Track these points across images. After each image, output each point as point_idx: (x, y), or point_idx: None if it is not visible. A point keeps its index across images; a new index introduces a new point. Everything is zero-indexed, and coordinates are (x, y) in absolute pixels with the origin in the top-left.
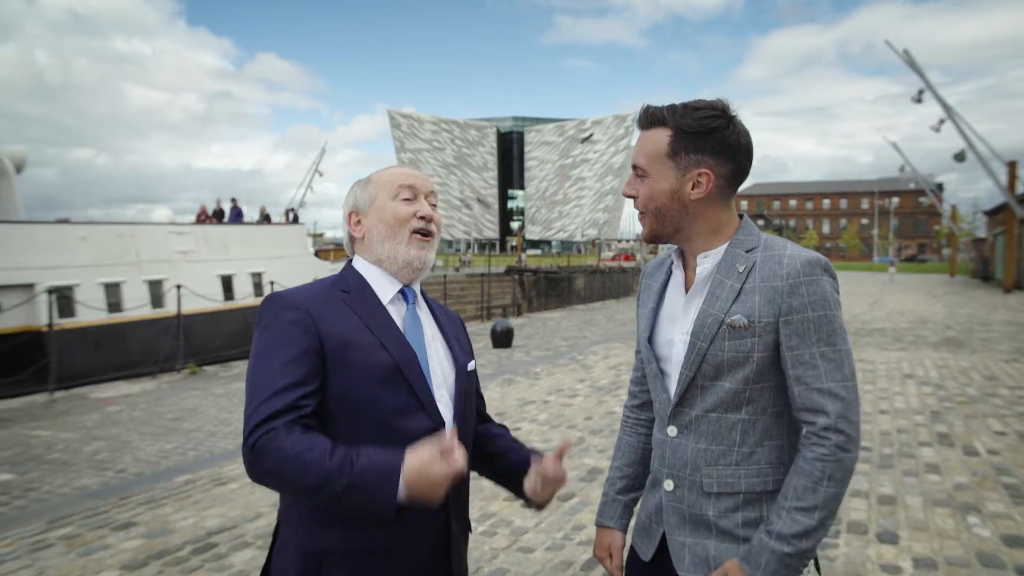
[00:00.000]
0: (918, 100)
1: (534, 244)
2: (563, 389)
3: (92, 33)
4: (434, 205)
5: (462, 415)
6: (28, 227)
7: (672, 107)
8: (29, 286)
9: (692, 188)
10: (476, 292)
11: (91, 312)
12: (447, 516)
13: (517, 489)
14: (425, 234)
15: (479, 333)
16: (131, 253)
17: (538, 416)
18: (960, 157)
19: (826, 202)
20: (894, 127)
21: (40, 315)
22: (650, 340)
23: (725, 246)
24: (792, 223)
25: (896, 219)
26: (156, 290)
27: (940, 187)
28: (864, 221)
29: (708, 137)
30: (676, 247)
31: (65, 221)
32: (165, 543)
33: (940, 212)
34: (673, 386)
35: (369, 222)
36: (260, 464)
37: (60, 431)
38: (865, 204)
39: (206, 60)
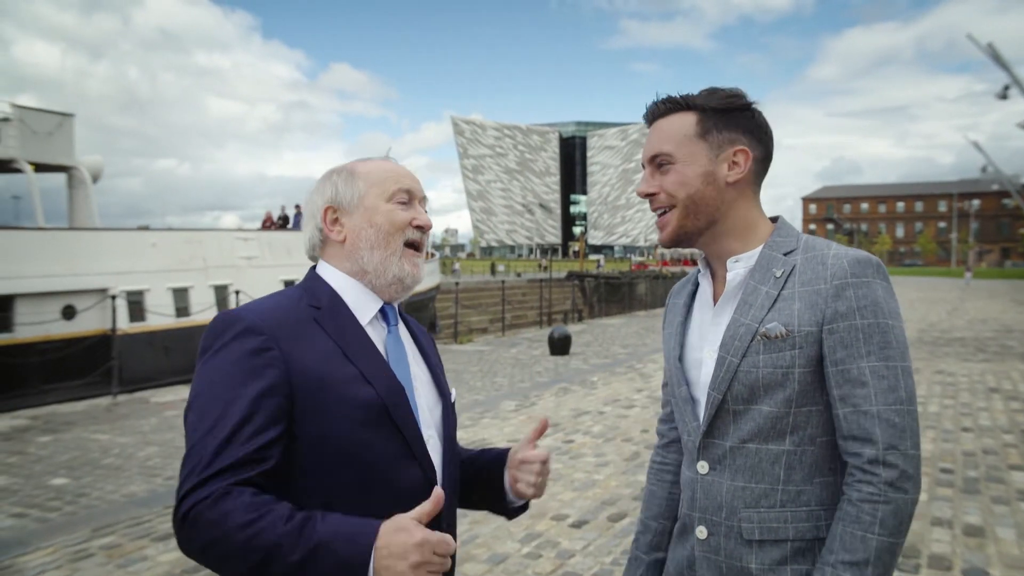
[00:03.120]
0: (1004, 96)
1: (596, 249)
2: (620, 399)
3: (176, 49)
4: (426, 211)
5: (450, 460)
6: (103, 234)
7: (683, 95)
8: (103, 291)
9: (729, 169)
10: (536, 298)
11: (160, 317)
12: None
13: (497, 493)
14: (418, 247)
15: (537, 340)
16: (198, 259)
17: (592, 428)
18: None
19: (900, 205)
20: (978, 126)
21: (113, 319)
22: (680, 360)
23: (760, 249)
24: (864, 227)
25: (976, 222)
26: (221, 295)
27: None
28: (942, 224)
29: (739, 115)
30: (702, 256)
31: (145, 228)
32: None
33: None
34: (702, 412)
35: (354, 223)
36: (192, 538)
37: (118, 435)
38: (943, 207)
39: (280, 72)
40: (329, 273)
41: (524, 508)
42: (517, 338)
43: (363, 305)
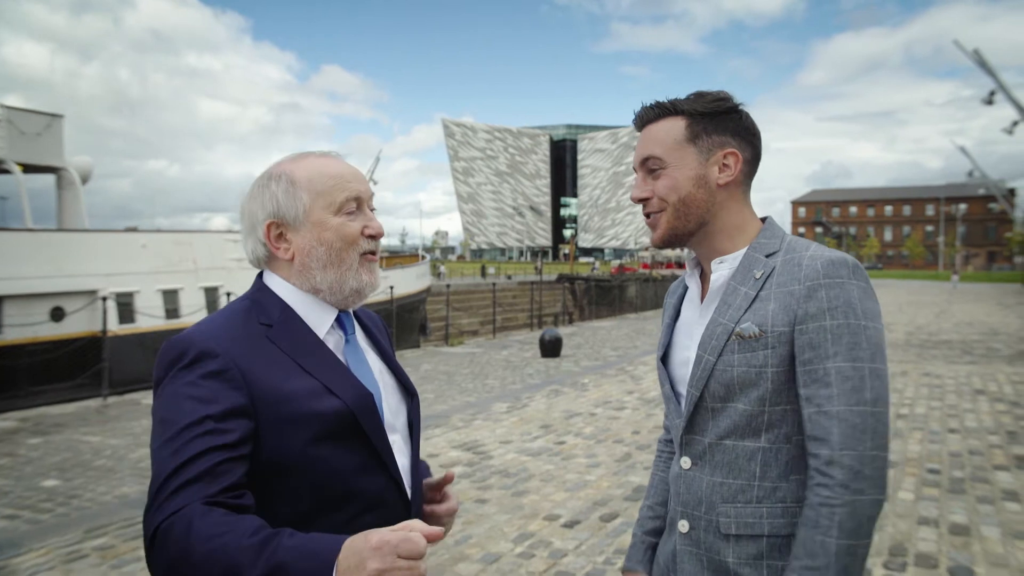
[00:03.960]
0: (989, 102)
1: (586, 252)
2: (611, 401)
3: (167, 50)
4: (373, 209)
5: (415, 461)
6: (92, 235)
7: (671, 99)
8: (92, 292)
9: (719, 171)
10: (527, 300)
11: (149, 319)
12: None
13: None
14: (373, 253)
15: (528, 342)
16: (188, 260)
17: (584, 429)
18: None
19: (888, 208)
20: (965, 131)
21: (102, 321)
22: (665, 359)
23: (744, 250)
24: (852, 230)
25: (963, 226)
26: (212, 297)
27: (1012, 192)
28: (929, 228)
29: (726, 118)
30: (692, 256)
31: (133, 229)
32: None
33: (1012, 218)
34: (684, 409)
35: (302, 242)
36: (159, 557)
37: (109, 437)
38: (930, 211)
39: (272, 74)
40: (279, 286)
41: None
42: (508, 340)
43: (317, 318)
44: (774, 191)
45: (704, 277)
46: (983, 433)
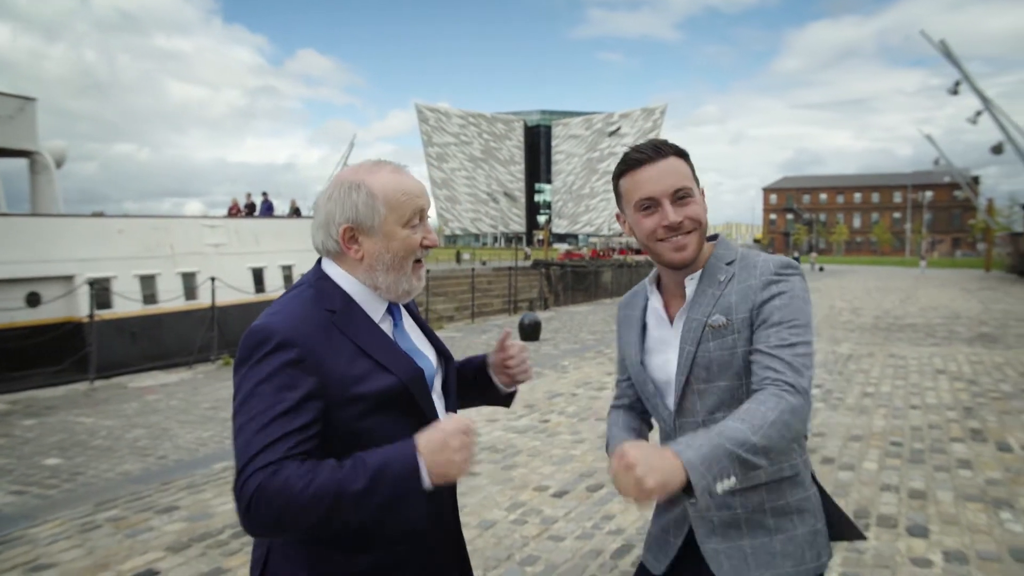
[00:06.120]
0: (955, 92)
1: (560, 238)
2: (591, 382)
3: (135, 31)
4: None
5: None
6: (67, 220)
7: (664, 141)
8: (68, 278)
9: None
10: (503, 286)
11: (127, 303)
12: (454, 511)
13: (492, 391)
14: (421, 260)
15: (506, 326)
16: (165, 246)
17: (567, 408)
18: (997, 149)
19: (858, 196)
20: (933, 119)
21: (79, 307)
22: (643, 363)
23: (703, 268)
24: (822, 217)
25: (929, 213)
26: (189, 282)
27: (976, 180)
28: (896, 215)
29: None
30: (655, 274)
31: (100, 214)
32: (207, 526)
33: (975, 206)
34: (672, 398)
35: (372, 247)
36: (264, 514)
37: (102, 419)
38: (898, 198)
39: (244, 57)
40: (341, 277)
41: (514, 394)
42: (487, 325)
43: (373, 306)
44: (747, 178)
45: (665, 291)
46: (942, 409)
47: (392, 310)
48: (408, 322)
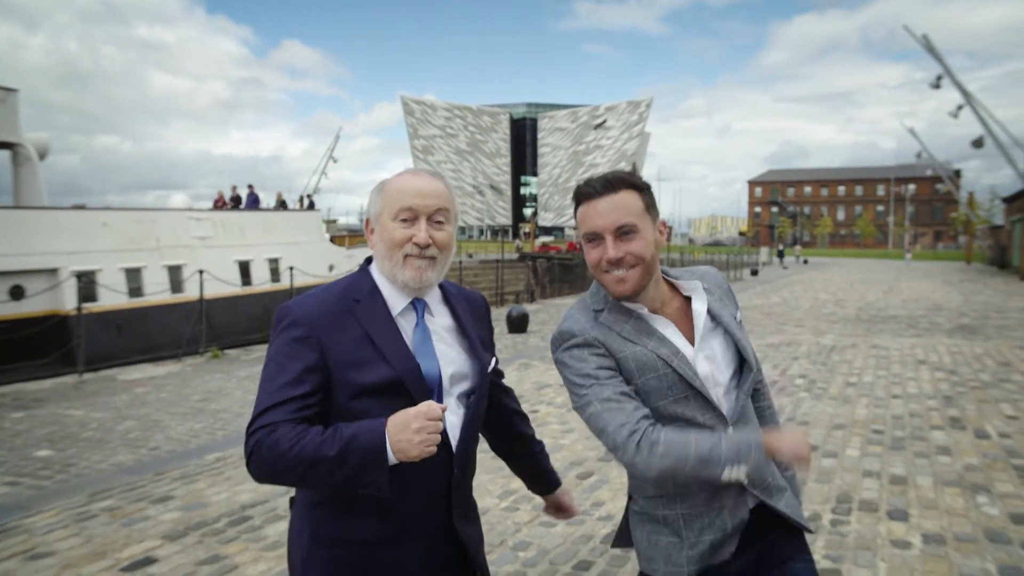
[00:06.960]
0: (936, 86)
1: (547, 231)
2: None
3: (117, 20)
4: (440, 222)
5: (471, 419)
6: (52, 213)
7: (618, 174)
8: (53, 271)
9: (660, 235)
10: (490, 278)
11: (113, 296)
12: (449, 504)
13: (537, 488)
14: (416, 257)
15: (494, 319)
16: (151, 239)
17: (555, 399)
18: (978, 143)
19: (841, 189)
20: (916, 113)
21: (65, 300)
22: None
23: (693, 280)
24: (807, 210)
25: (912, 206)
26: (175, 275)
27: (958, 174)
28: (880, 208)
29: (651, 193)
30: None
31: (81, 207)
32: (202, 515)
33: (957, 199)
34: (725, 398)
35: (375, 237)
36: (260, 463)
37: (92, 411)
38: (881, 191)
39: (228, 47)
40: (374, 269)
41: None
42: None
43: (395, 299)
44: (733, 171)
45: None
46: (923, 398)
47: (416, 305)
48: (441, 322)
